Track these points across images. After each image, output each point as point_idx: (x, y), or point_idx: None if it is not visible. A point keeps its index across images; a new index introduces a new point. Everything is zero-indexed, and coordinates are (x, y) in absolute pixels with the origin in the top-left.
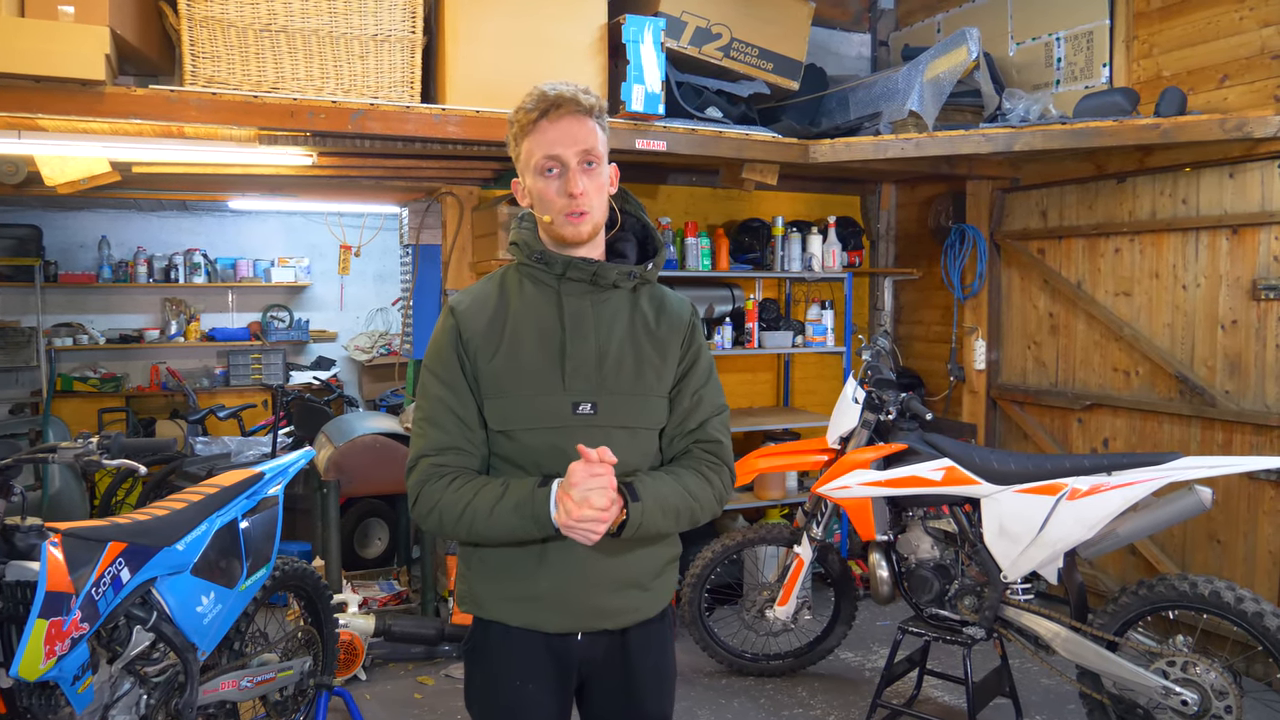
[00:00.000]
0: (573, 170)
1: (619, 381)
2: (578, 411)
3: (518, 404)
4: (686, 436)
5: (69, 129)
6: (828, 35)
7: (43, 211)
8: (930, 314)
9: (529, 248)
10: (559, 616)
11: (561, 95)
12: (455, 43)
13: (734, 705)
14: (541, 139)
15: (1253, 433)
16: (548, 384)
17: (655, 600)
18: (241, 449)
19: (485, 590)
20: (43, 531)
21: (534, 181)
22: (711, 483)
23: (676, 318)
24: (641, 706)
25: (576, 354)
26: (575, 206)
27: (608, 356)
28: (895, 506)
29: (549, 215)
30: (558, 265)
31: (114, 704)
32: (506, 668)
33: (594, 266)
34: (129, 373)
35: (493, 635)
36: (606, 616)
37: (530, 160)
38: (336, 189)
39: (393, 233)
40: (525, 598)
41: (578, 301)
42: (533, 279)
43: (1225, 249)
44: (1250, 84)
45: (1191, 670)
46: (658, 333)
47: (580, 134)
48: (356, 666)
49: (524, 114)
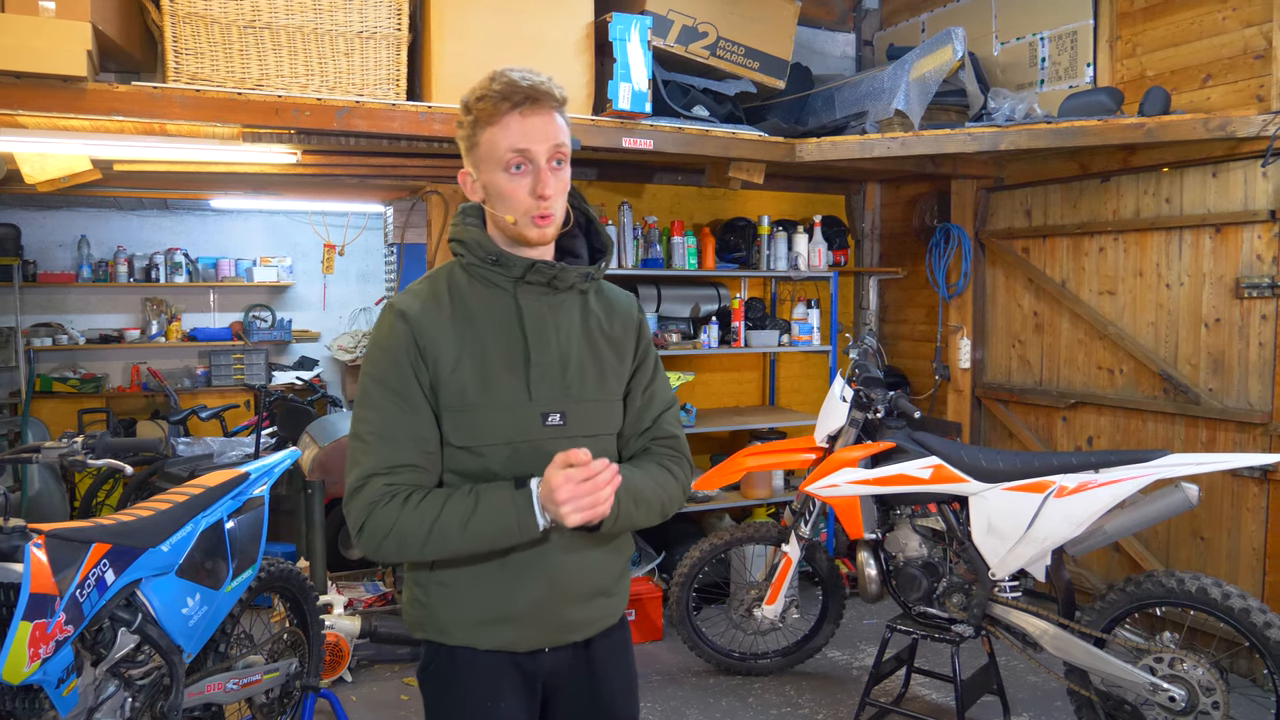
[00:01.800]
0: (543, 169)
1: (584, 388)
2: (547, 423)
3: (484, 417)
4: (643, 435)
5: (50, 126)
6: (813, 35)
7: (21, 210)
8: (915, 313)
9: (482, 249)
10: (531, 635)
11: (536, 87)
12: (441, 40)
13: (722, 704)
14: (510, 131)
15: (1236, 430)
16: (514, 394)
17: (619, 605)
18: (224, 450)
19: (449, 615)
20: (26, 533)
21: (497, 177)
22: (675, 476)
23: (626, 315)
24: (611, 712)
25: (541, 362)
26: (544, 209)
27: (570, 362)
28: (883, 505)
29: (513, 215)
30: (516, 269)
31: (99, 707)
32: (474, 690)
33: (554, 270)
34: (109, 373)
35: (459, 659)
36: (576, 629)
37: (494, 153)
38: (320, 187)
39: (376, 232)
40: (497, 620)
41: (536, 305)
42: (485, 281)
43: (1209, 248)
44: (1233, 84)
45: (1179, 666)
46: (612, 333)
47: (552, 130)
48: (342, 668)
49: (490, 102)
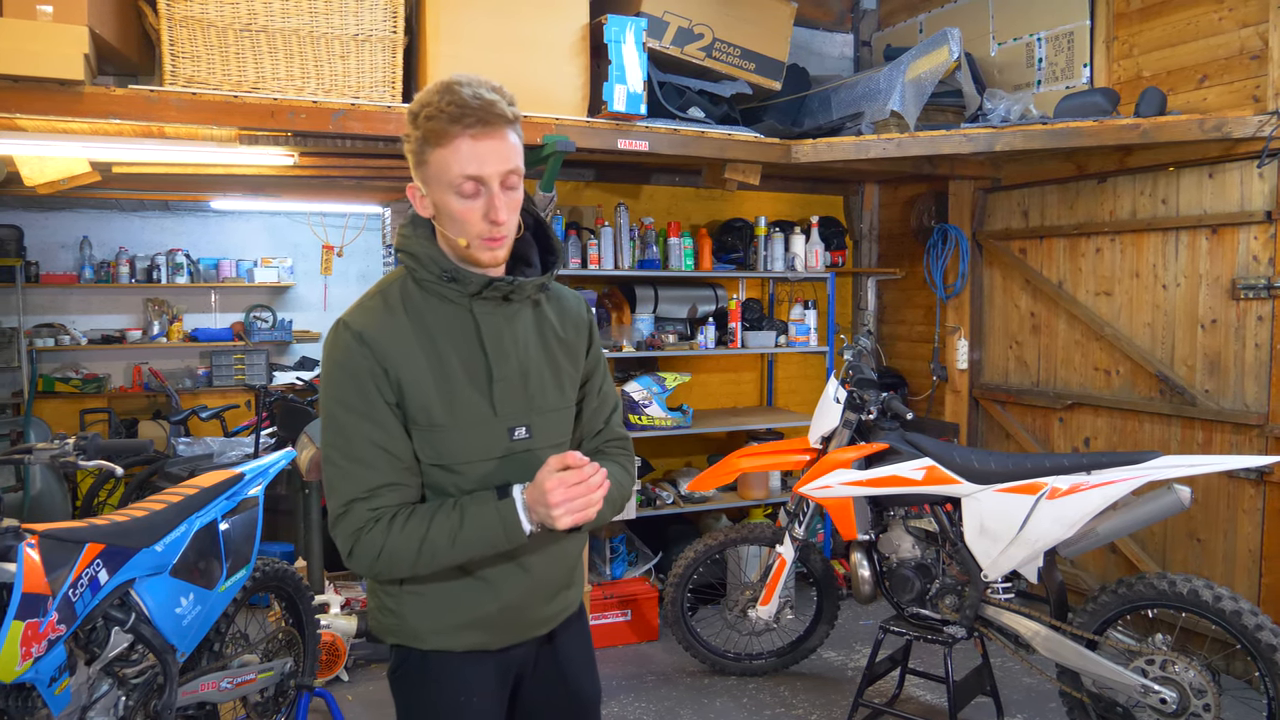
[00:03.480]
0: (495, 193)
1: (544, 399)
2: (514, 437)
3: (453, 436)
4: (598, 437)
5: (48, 129)
6: (810, 35)
7: (24, 211)
8: (913, 314)
9: (436, 265)
10: (503, 635)
11: (488, 109)
12: (437, 42)
13: (716, 705)
14: (460, 155)
15: (1232, 431)
16: (480, 412)
17: (578, 593)
18: (224, 450)
19: (424, 623)
20: (19, 533)
21: (448, 199)
22: (630, 473)
23: (578, 316)
24: (581, 693)
25: (503, 376)
26: (496, 233)
27: (529, 374)
28: (876, 506)
29: (464, 239)
30: (473, 285)
31: (92, 705)
32: (446, 689)
33: (510, 286)
34: (111, 373)
35: (431, 661)
36: (545, 623)
37: (444, 176)
38: (318, 189)
39: (375, 233)
40: (473, 623)
41: (493, 319)
42: (439, 296)
43: (1205, 249)
44: (1229, 84)
45: (1170, 668)
46: (566, 337)
47: (505, 152)
48: (339, 667)
49: (439, 123)
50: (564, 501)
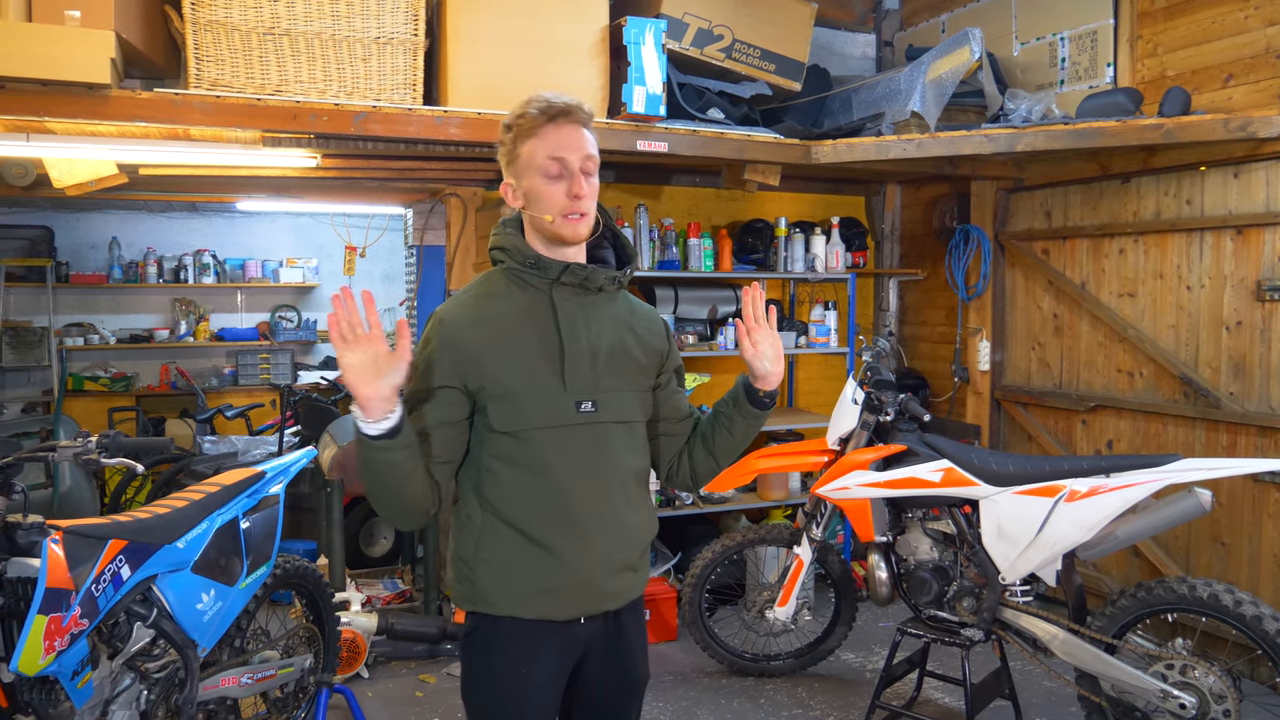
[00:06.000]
0: (577, 174)
1: (612, 379)
2: (581, 410)
3: (525, 405)
4: (688, 419)
5: (76, 132)
6: (832, 36)
7: (54, 213)
8: (935, 315)
9: (520, 253)
10: (571, 605)
11: (567, 104)
12: (457, 45)
13: (733, 705)
14: (547, 141)
15: (1257, 435)
16: (551, 385)
17: (643, 579)
18: (248, 448)
19: (496, 590)
20: (44, 529)
21: (535, 182)
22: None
23: (653, 319)
24: (634, 674)
25: (573, 355)
26: (578, 208)
27: (599, 356)
28: (894, 508)
29: (550, 215)
30: (552, 270)
31: (114, 699)
32: (513, 657)
33: (586, 272)
34: (139, 372)
35: (502, 627)
36: (609, 599)
37: (533, 161)
38: (341, 190)
39: (398, 233)
40: (541, 591)
41: (569, 305)
42: (522, 284)
43: (1230, 250)
44: (1255, 83)
45: (1190, 674)
46: (640, 334)
47: (583, 141)
48: (359, 664)
49: (528, 118)
50: (332, 326)
